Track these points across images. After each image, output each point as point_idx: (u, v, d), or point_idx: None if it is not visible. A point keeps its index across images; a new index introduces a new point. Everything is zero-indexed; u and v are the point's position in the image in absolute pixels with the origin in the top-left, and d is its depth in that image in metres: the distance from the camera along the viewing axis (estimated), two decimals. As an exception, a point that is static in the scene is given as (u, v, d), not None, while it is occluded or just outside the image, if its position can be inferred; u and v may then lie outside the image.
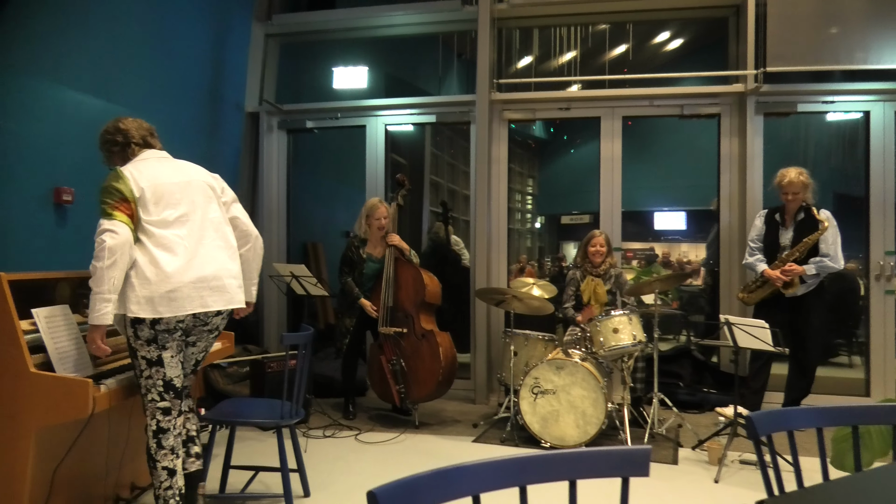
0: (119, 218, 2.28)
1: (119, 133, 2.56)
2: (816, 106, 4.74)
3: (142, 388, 2.39)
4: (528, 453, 1.14)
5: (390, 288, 4.21)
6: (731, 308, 4.80)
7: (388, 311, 4.20)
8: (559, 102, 5.13)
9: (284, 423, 2.72)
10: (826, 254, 3.90)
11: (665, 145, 9.09)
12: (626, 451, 1.17)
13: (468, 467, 1.09)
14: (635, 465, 1.17)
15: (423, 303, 4.24)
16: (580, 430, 3.69)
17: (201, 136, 4.96)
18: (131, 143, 2.54)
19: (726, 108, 4.87)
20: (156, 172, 2.46)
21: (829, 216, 3.96)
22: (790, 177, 3.96)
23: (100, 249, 2.23)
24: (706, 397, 4.59)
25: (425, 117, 5.40)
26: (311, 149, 6.25)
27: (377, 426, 4.22)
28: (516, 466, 1.13)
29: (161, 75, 4.42)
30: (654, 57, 8.34)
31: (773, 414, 1.43)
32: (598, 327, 3.87)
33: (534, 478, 1.14)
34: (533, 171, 11.32)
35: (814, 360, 4.00)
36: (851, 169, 4.99)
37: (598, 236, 4.32)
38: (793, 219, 4.04)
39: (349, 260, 4.33)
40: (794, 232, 4.01)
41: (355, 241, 4.34)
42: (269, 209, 5.53)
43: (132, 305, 2.28)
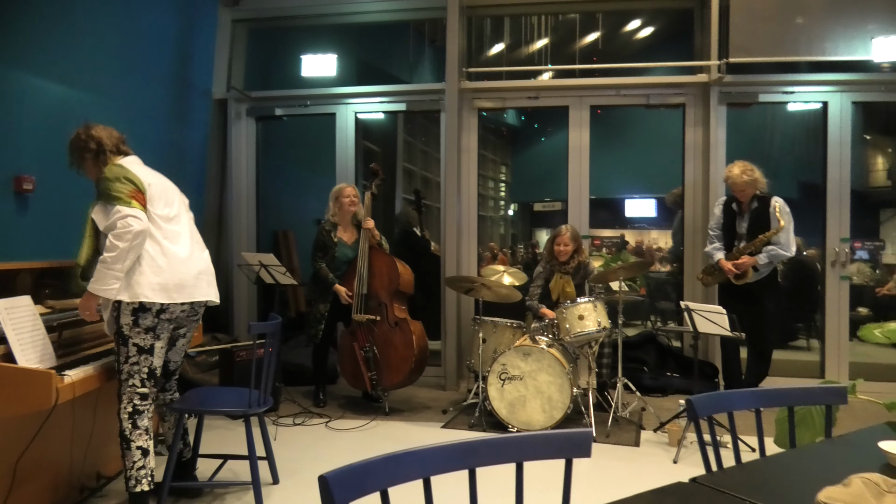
0: (137, 206, 2.41)
1: (92, 140, 2.61)
2: (777, 96, 4.86)
3: (123, 373, 2.49)
4: (477, 437, 1.20)
5: (364, 275, 4.24)
6: (695, 294, 4.94)
7: (362, 298, 4.24)
8: (528, 91, 5.18)
9: (252, 411, 2.75)
10: (777, 241, 4.05)
11: (637, 133, 9.22)
12: (569, 434, 1.23)
13: (418, 452, 1.15)
14: (578, 447, 1.23)
15: (397, 291, 4.28)
16: (546, 414, 3.79)
17: (168, 123, 4.91)
18: (105, 150, 2.60)
19: (691, 98, 4.97)
20: (146, 173, 2.60)
21: (783, 206, 4.09)
22: (732, 177, 4.11)
23: (125, 231, 2.36)
24: (669, 382, 4.73)
25: (395, 105, 5.40)
26: (280, 136, 6.21)
27: (348, 413, 4.27)
28: (465, 450, 1.19)
29: (126, 61, 4.35)
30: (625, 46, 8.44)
31: (713, 397, 1.52)
32: (564, 314, 3.96)
33: (482, 461, 1.20)
34: (506, 159, 11.39)
35: (769, 345, 4.15)
36: (815, 158, 5.14)
37: (563, 234, 4.31)
38: (748, 207, 4.17)
39: (322, 245, 4.35)
40: (750, 220, 4.15)
41: (326, 225, 4.38)
42: (239, 197, 5.50)
43: (147, 291, 2.43)
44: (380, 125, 7.53)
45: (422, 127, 9.00)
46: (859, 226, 7.92)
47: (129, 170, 2.50)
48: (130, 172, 2.49)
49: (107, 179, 2.45)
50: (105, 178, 2.46)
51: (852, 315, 5.27)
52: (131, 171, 2.49)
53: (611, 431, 3.80)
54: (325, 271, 4.31)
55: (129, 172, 2.48)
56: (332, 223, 4.39)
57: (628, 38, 8.40)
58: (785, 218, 4.03)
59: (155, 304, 2.47)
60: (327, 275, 4.31)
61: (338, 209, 4.37)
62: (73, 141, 2.63)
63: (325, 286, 4.33)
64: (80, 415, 2.73)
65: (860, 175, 8.46)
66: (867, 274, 6.63)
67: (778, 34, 4.55)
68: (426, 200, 8.21)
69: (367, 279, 4.26)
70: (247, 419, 2.78)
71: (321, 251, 4.36)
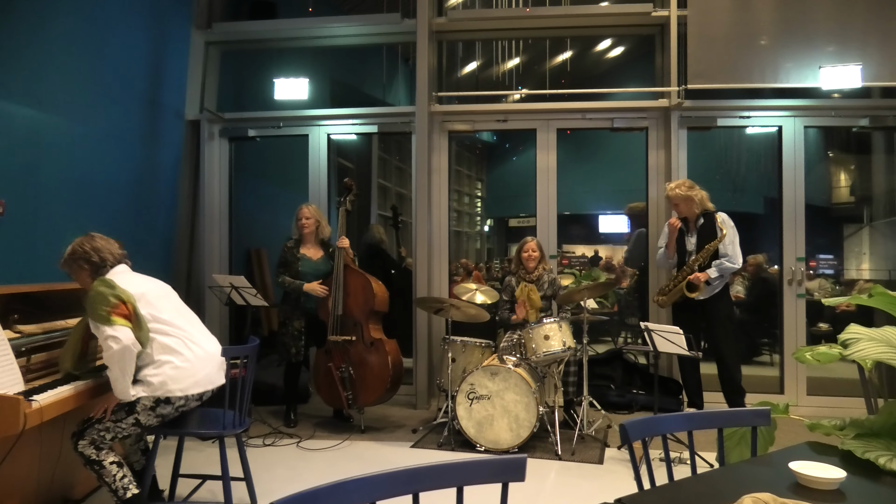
0: (118, 322, 2.51)
1: (95, 253, 2.73)
2: (735, 121, 5.08)
3: (103, 424, 2.60)
4: (420, 465, 1.31)
5: (340, 296, 4.33)
6: (660, 312, 5.11)
7: (338, 319, 4.32)
8: (497, 115, 5.34)
9: (227, 433, 2.82)
10: (725, 254, 4.25)
11: (609, 150, 9.48)
12: (505, 460, 1.35)
13: (364, 479, 1.26)
14: (512, 471, 1.35)
15: (373, 311, 4.38)
16: (513, 433, 3.90)
17: (140, 144, 4.97)
18: (107, 265, 2.74)
19: (653, 121, 5.18)
20: (136, 281, 2.73)
21: (726, 219, 4.31)
22: (668, 191, 4.39)
23: (108, 358, 2.52)
24: (635, 398, 4.88)
25: (367, 127, 5.53)
26: (254, 156, 6.29)
27: (319, 433, 4.34)
28: (409, 476, 1.30)
29: (97, 83, 4.42)
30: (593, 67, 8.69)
31: (646, 421, 1.65)
32: (530, 334, 4.09)
33: (424, 486, 1.32)
34: (480, 175, 11.58)
35: (729, 352, 4.30)
36: (778, 175, 5.36)
37: (529, 242, 4.55)
38: (695, 225, 4.38)
39: (284, 261, 4.47)
40: (697, 237, 4.36)
41: (289, 242, 4.51)
42: (211, 216, 5.56)
43: (174, 389, 2.61)
44: (354, 143, 7.65)
45: (396, 144, 9.15)
46: (822, 242, 8.22)
47: (114, 283, 2.60)
48: (116, 287, 2.58)
49: (91, 300, 2.55)
50: (89, 297, 2.56)
51: (813, 331, 5.49)
52: (117, 285, 2.59)
53: (576, 449, 3.92)
54: (291, 280, 4.39)
55: (115, 287, 2.58)
56: (296, 240, 4.52)
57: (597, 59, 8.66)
58: (727, 228, 4.24)
59: (180, 400, 2.65)
60: (293, 282, 4.38)
61: (297, 228, 4.51)
62: (74, 251, 2.72)
63: (296, 295, 4.40)
64: (48, 439, 2.78)
65: (824, 191, 8.78)
66: (828, 290, 6.88)
67: (732, 62, 4.78)
68: (402, 217, 8.35)
69: (342, 299, 4.34)
70: (221, 440, 2.84)
71: (283, 266, 4.46)
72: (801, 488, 1.42)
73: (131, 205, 4.81)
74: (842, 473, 1.43)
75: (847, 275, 7.95)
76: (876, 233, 7.50)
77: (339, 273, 4.33)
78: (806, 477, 1.43)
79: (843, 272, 7.99)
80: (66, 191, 4.10)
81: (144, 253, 4.89)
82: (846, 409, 4.60)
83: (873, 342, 1.83)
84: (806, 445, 1.71)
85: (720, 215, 4.29)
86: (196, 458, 3.76)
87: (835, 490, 1.41)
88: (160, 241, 5.22)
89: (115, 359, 2.52)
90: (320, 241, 4.58)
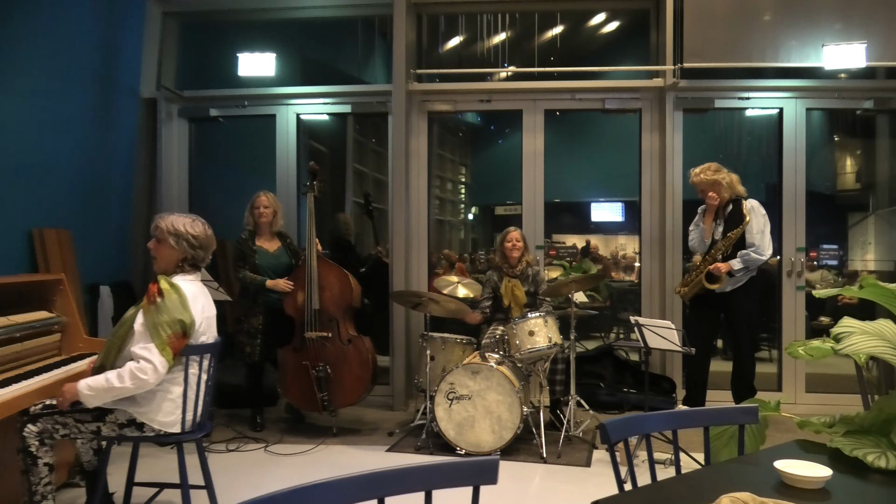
0: (167, 356, 2.54)
1: (201, 248, 2.75)
2: (733, 102, 5.15)
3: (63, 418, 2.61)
4: (386, 468, 1.33)
5: (314, 290, 4.33)
6: (652, 304, 5.18)
7: (314, 314, 4.33)
8: (480, 94, 5.36)
9: (187, 437, 2.81)
10: (752, 244, 4.24)
11: (601, 133, 9.52)
12: (476, 461, 1.38)
13: (326, 483, 1.28)
14: (484, 474, 1.38)
15: (349, 306, 4.40)
16: (496, 435, 3.94)
17: (92, 125, 4.91)
18: (198, 263, 2.78)
19: (647, 103, 5.22)
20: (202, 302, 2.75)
21: (755, 206, 4.30)
22: (692, 177, 4.35)
23: (138, 376, 2.52)
24: (626, 397, 4.96)
25: (341, 107, 5.51)
26: (216, 138, 6.24)
27: (288, 437, 4.35)
28: (374, 480, 1.33)
29: (45, 58, 4.35)
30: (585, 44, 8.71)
31: (628, 420, 1.68)
32: (514, 330, 4.13)
33: (390, 490, 1.34)
34: (465, 159, 11.57)
35: (748, 351, 4.36)
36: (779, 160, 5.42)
37: (512, 232, 4.58)
38: (723, 212, 4.39)
39: (240, 254, 4.46)
40: (724, 225, 4.36)
41: (243, 234, 4.50)
42: (169, 203, 5.52)
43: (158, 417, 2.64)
44: (326, 124, 7.61)
45: (373, 125, 9.10)
46: (825, 231, 8.35)
47: (186, 303, 2.60)
48: (187, 309, 2.59)
49: (159, 311, 2.54)
50: (159, 307, 2.55)
51: (814, 325, 5.59)
52: (188, 306, 2.60)
53: (562, 451, 3.98)
54: (251, 276, 4.39)
55: (186, 309, 2.59)
56: (250, 231, 4.51)
57: (589, 35, 8.68)
58: (753, 216, 4.23)
59: (151, 432, 2.66)
60: (254, 278, 4.38)
61: (252, 219, 4.50)
62: (184, 232, 2.69)
63: (255, 292, 4.40)
64: None
65: (827, 178, 8.90)
66: (830, 281, 7.00)
67: (731, 39, 4.83)
68: (378, 204, 8.33)
69: (318, 293, 4.35)
70: (179, 445, 2.84)
71: (241, 261, 4.45)
72: (786, 487, 1.46)
73: (81, 192, 4.76)
74: (828, 472, 1.48)
75: (851, 266, 8.08)
76: (881, 221, 7.63)
77: (313, 264, 4.33)
78: (790, 476, 1.47)
79: (846, 263, 8.13)
80: (8, 177, 4.04)
81: (97, 245, 4.85)
82: (845, 406, 4.70)
83: (866, 336, 1.88)
84: (794, 444, 1.76)
85: (749, 202, 4.28)
86: (153, 465, 3.76)
87: (820, 489, 1.46)
88: (114, 231, 5.17)
89: (138, 383, 2.52)
90: (276, 233, 4.59)
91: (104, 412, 2.62)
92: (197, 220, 2.77)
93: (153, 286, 2.61)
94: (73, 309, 3.36)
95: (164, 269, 2.71)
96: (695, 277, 4.33)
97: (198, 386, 2.84)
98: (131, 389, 2.53)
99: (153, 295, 2.58)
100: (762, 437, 2.29)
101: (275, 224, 4.54)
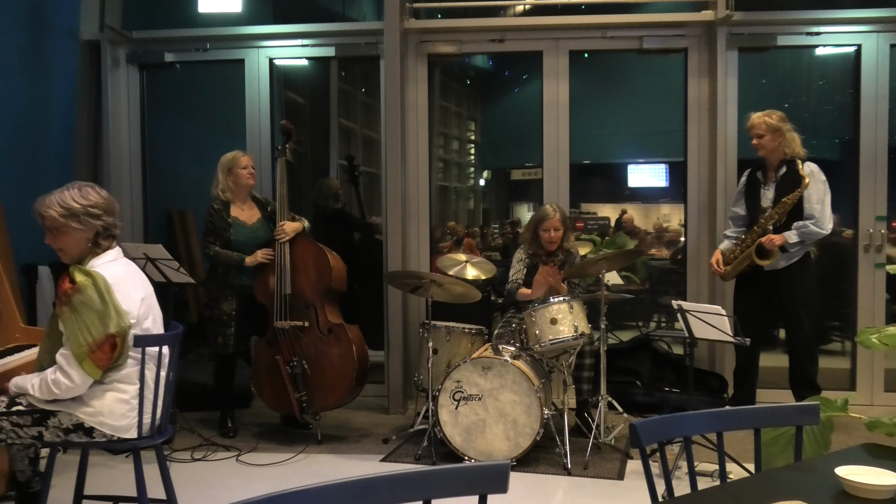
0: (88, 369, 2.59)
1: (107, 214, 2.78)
2: (800, 39, 5.13)
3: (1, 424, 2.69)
4: (378, 473, 1.38)
5: (286, 271, 4.37)
6: (700, 286, 5.22)
7: (285, 300, 4.37)
8: (491, 33, 5.34)
9: (143, 443, 2.87)
10: (810, 215, 4.28)
11: (640, 80, 9.44)
12: (483, 467, 1.43)
13: (307, 491, 1.32)
14: (493, 482, 1.43)
15: (329, 290, 4.43)
16: (511, 442, 4.01)
17: (23, 73, 4.93)
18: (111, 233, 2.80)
19: (694, 40, 5.21)
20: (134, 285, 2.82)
21: (815, 170, 4.34)
22: (752, 118, 4.37)
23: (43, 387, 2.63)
24: (666, 398, 5.01)
25: (322, 50, 5.52)
26: (173, 89, 6.26)
27: (264, 444, 4.43)
28: (363, 487, 1.38)
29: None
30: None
31: (663, 420, 1.73)
32: (532, 318, 4.17)
33: (383, 499, 1.39)
34: (474, 112, 11.54)
35: (804, 340, 4.42)
36: (855, 110, 5.39)
37: (552, 217, 4.50)
38: (775, 173, 4.40)
39: (212, 227, 4.47)
40: (776, 190, 4.38)
41: (216, 203, 4.51)
42: (119, 167, 5.56)
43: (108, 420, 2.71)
44: (306, 71, 7.61)
45: (362, 72, 9.08)
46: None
47: (111, 292, 2.62)
48: (111, 301, 2.61)
49: (75, 312, 2.57)
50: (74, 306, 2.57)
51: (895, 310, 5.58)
52: (114, 297, 2.62)
53: (590, 462, 4.04)
54: (226, 252, 4.41)
55: (109, 302, 2.60)
56: (223, 200, 4.51)
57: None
58: (814, 181, 4.25)
59: (102, 437, 2.72)
60: (229, 255, 4.41)
61: (232, 182, 4.49)
62: (75, 205, 2.68)
63: (223, 270, 4.44)
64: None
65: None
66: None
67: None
68: (369, 168, 8.36)
69: (290, 275, 4.39)
70: (136, 453, 2.90)
71: (212, 235, 4.46)
72: (848, 498, 1.51)
73: (12, 155, 4.80)
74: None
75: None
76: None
77: (284, 244, 4.38)
78: (854, 484, 1.51)
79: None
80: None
81: (33, 218, 4.88)
82: (933, 408, 4.75)
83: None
84: (861, 448, 1.81)
85: (808, 165, 4.31)
86: (105, 476, 3.85)
87: (890, 499, 1.50)
88: (52, 200, 5.21)
89: (51, 393, 2.61)
90: (256, 200, 4.62)
91: (46, 415, 2.68)
92: (84, 186, 2.77)
93: (64, 281, 2.63)
94: (6, 294, 3.42)
95: (78, 255, 2.72)
96: (741, 253, 4.36)
97: (156, 383, 2.90)
98: (45, 395, 2.63)
99: (66, 293, 2.59)
100: (826, 442, 2.33)
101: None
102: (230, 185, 4.51)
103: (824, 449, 2.37)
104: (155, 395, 2.83)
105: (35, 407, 2.68)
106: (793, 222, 4.31)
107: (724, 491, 1.54)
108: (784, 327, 4.41)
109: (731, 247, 4.52)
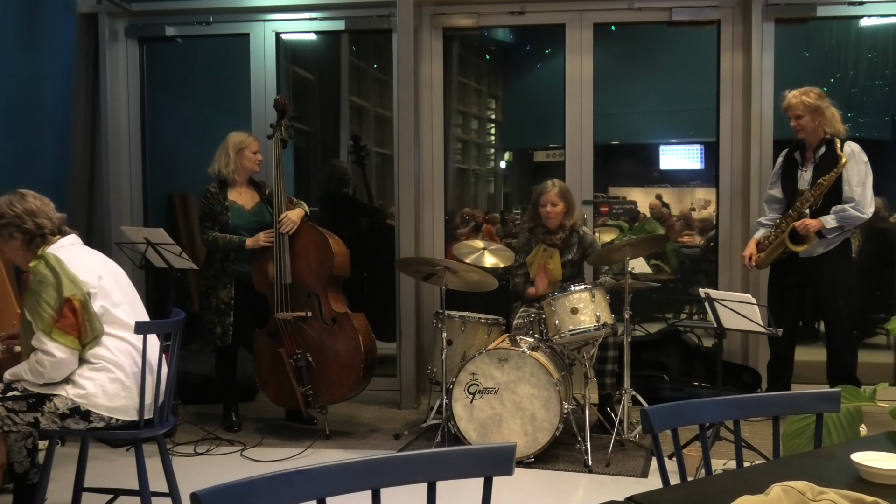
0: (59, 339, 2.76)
1: (30, 218, 2.90)
2: (842, 9, 5.13)
3: None
4: (382, 454, 1.47)
5: (285, 258, 4.46)
6: (733, 275, 5.26)
7: (286, 289, 4.46)
8: (511, 4, 5.39)
9: (144, 433, 2.98)
10: (850, 198, 4.29)
11: (670, 54, 9.42)
12: (487, 449, 1.52)
13: (312, 470, 1.42)
14: (498, 464, 1.52)
15: (332, 277, 4.52)
16: (529, 437, 4.09)
17: (17, 48, 5.01)
18: (45, 233, 2.92)
19: (727, 12, 5.24)
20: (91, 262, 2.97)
21: (855, 150, 4.34)
22: (789, 98, 4.38)
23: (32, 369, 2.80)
24: (695, 392, 5.08)
25: (331, 23, 5.60)
26: (175, 64, 6.35)
27: (269, 439, 4.54)
28: (367, 468, 1.47)
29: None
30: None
31: (676, 407, 1.81)
32: (552, 307, 4.24)
33: (387, 480, 1.48)
34: (494, 89, 11.54)
35: (843, 332, 4.46)
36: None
37: (549, 190, 4.57)
38: (813, 154, 4.43)
39: (209, 211, 4.54)
40: (814, 172, 4.41)
41: (212, 186, 4.57)
42: (117, 147, 5.65)
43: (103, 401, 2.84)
44: (314, 46, 7.69)
45: (375, 47, 9.14)
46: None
47: (62, 264, 2.79)
48: (65, 272, 2.78)
49: (33, 287, 2.77)
50: (32, 281, 2.78)
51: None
52: (66, 269, 2.79)
53: (612, 459, 4.11)
54: (223, 236, 4.47)
55: (63, 272, 2.78)
56: (221, 181, 4.57)
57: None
58: (854, 161, 4.26)
59: (100, 420, 2.87)
60: (227, 239, 4.46)
61: (239, 164, 4.54)
62: (1, 215, 2.88)
63: (221, 256, 4.51)
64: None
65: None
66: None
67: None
68: (381, 149, 8.43)
69: (290, 263, 4.48)
70: (137, 444, 3.01)
71: (209, 220, 4.53)
72: (864, 484, 1.58)
73: (5, 133, 4.89)
74: (916, 466, 1.59)
75: None
76: None
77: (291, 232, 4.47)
78: (869, 469, 1.59)
79: None
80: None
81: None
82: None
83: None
84: (884, 436, 1.88)
85: (848, 144, 4.32)
86: (106, 469, 3.97)
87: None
88: (48, 180, 5.31)
89: (40, 374, 2.77)
90: (254, 184, 4.70)
91: (41, 399, 2.81)
92: (14, 193, 2.95)
93: (26, 274, 2.87)
94: (1, 277, 3.53)
95: (25, 259, 2.92)
96: (774, 239, 4.39)
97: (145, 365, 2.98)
98: (39, 379, 2.79)
99: (24, 282, 2.86)
100: (854, 432, 2.40)
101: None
102: (237, 167, 4.55)
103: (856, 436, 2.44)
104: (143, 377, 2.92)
105: (30, 391, 2.82)
106: (832, 206, 4.34)
107: (735, 477, 1.62)
108: (822, 318, 4.44)
109: (767, 234, 4.56)
